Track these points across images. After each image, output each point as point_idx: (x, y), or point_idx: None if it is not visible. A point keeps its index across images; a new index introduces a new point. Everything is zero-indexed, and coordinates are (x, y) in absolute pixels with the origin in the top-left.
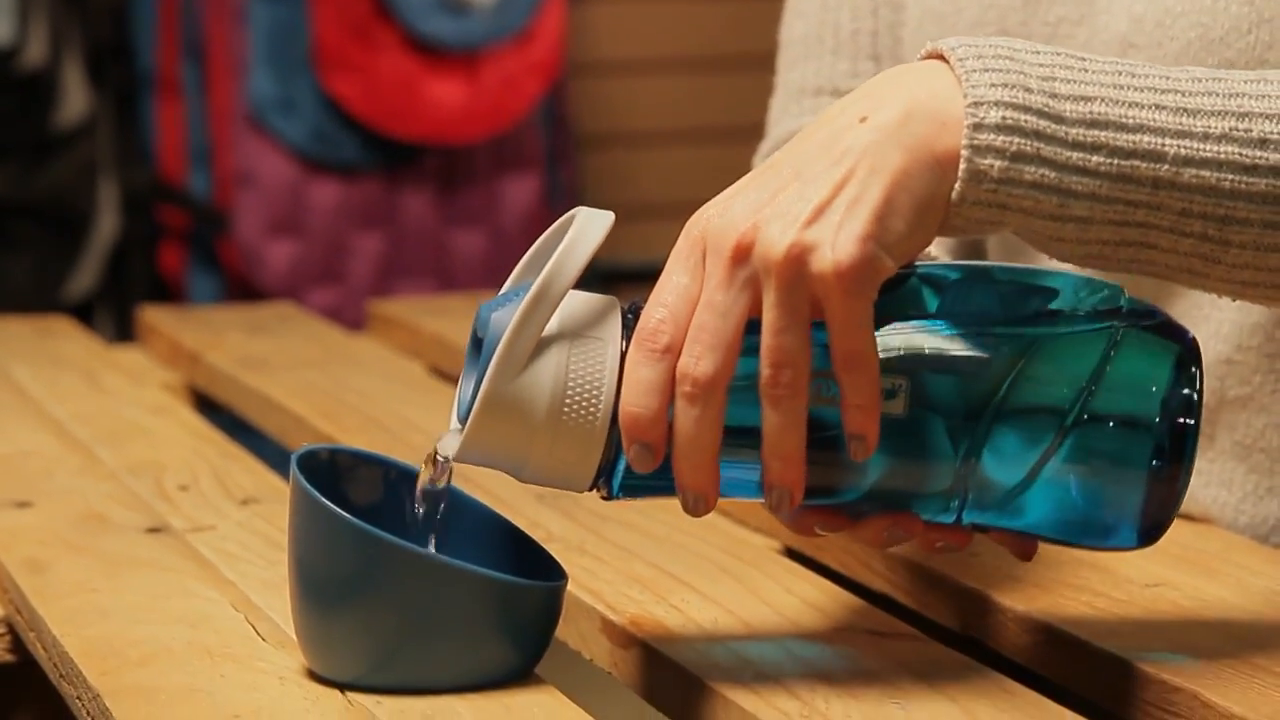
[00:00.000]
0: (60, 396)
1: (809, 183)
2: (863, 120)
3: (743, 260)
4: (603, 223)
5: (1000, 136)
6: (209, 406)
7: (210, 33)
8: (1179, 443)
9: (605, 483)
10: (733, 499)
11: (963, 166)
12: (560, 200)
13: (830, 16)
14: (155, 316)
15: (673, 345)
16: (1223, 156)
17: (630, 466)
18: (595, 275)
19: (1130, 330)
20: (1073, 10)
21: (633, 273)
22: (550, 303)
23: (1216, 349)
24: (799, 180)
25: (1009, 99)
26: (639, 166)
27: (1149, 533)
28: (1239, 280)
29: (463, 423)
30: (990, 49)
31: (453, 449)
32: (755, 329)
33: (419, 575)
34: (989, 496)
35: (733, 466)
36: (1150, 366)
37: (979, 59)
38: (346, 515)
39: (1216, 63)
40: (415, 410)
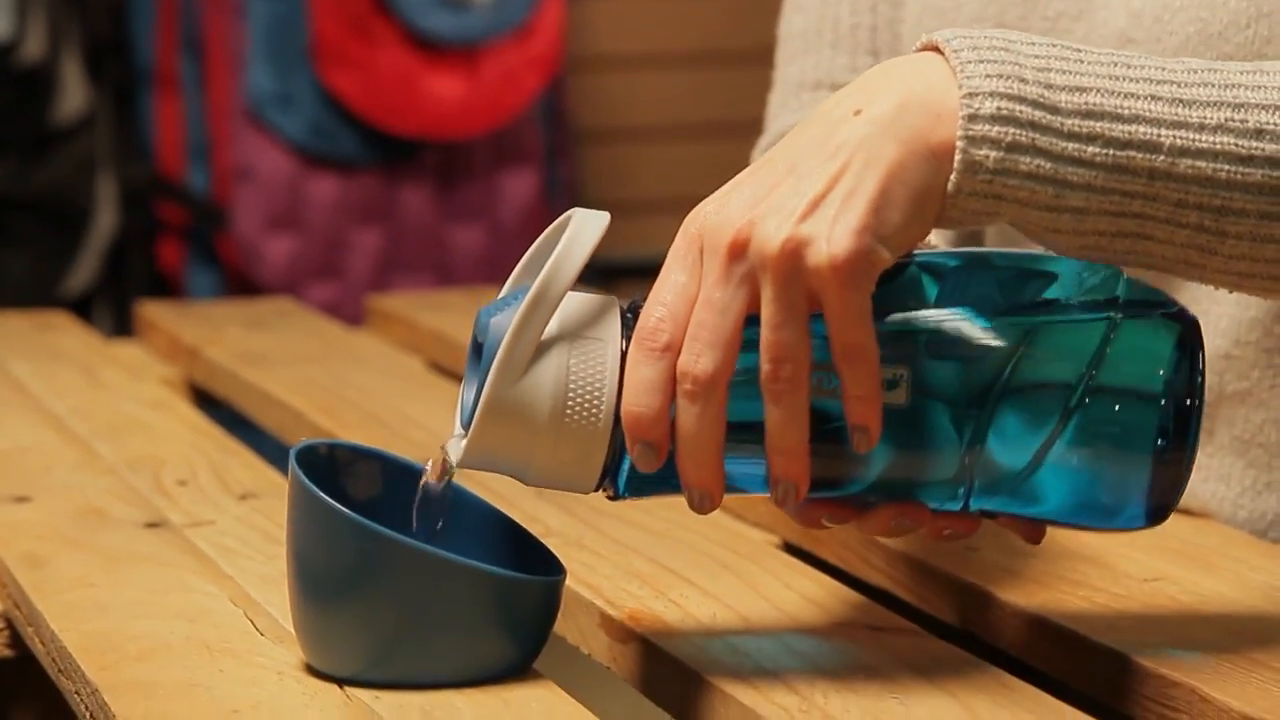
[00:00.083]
0: (59, 391)
1: (804, 177)
2: (857, 113)
3: (739, 256)
4: (599, 223)
5: (995, 127)
6: (208, 401)
7: (209, 28)
8: (1183, 421)
9: (611, 483)
10: (739, 494)
11: (958, 157)
12: (559, 195)
13: (829, 11)
14: (154, 311)
15: (672, 343)
16: (1218, 147)
17: (635, 466)
18: (595, 271)
19: (1131, 311)
20: (1071, 5)
21: (632, 268)
22: (548, 305)
23: (1215, 344)
24: (794, 175)
25: (1004, 90)
26: (638, 161)
27: (1157, 512)
28: (1236, 272)
29: (466, 429)
30: (985, 40)
31: (456, 456)
32: (755, 324)
33: (418, 570)
34: (995, 482)
35: (737, 462)
36: (1152, 347)
37: (974, 50)
38: (345, 510)
39: (1215, 57)
40: (414, 405)
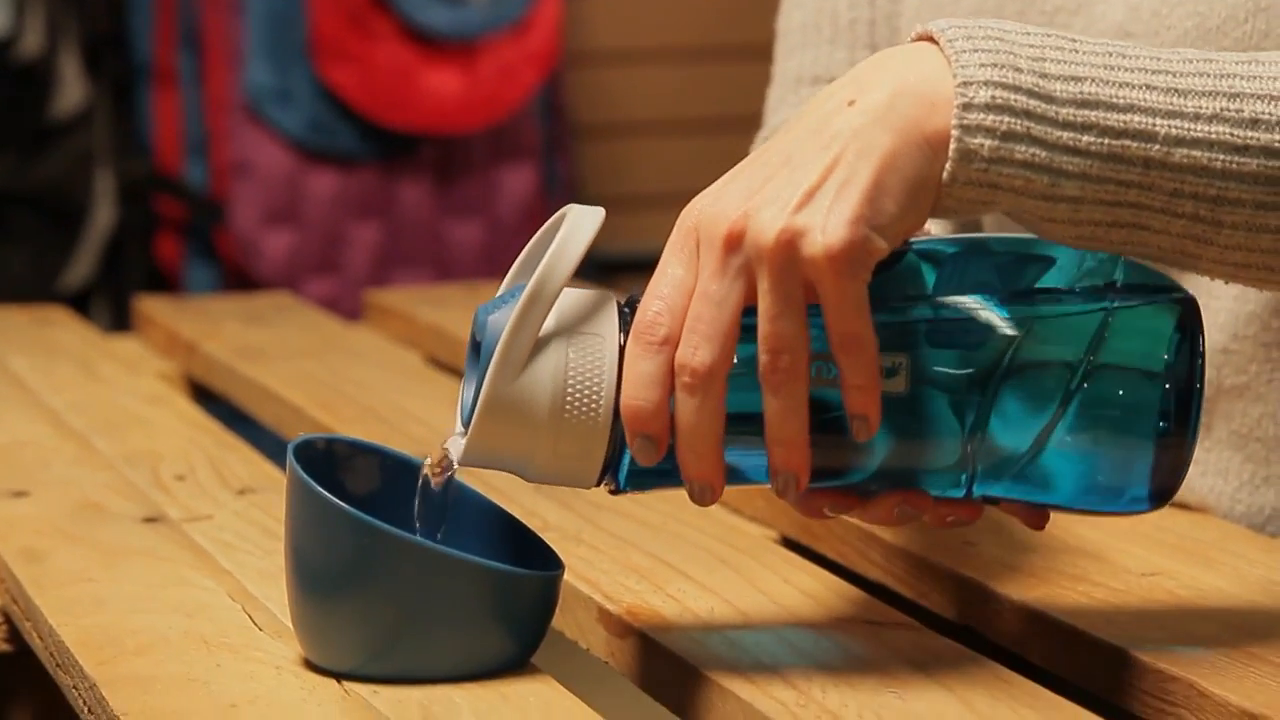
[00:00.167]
0: (57, 386)
1: (798, 168)
2: (851, 104)
3: (735, 248)
4: (594, 219)
5: (990, 116)
6: (206, 396)
7: (207, 22)
8: (1184, 402)
9: (612, 477)
10: (741, 485)
11: (953, 146)
12: (557, 191)
13: (828, 5)
14: (152, 306)
15: (670, 337)
16: (1214, 137)
17: (635, 460)
18: (593, 266)
19: (1130, 294)
20: (1069, 0)
21: (631, 263)
22: (545, 302)
23: (1213, 338)
24: (788, 166)
25: (999, 79)
26: (636, 157)
27: (1160, 494)
28: (1231, 262)
29: (466, 427)
30: (980, 30)
31: (457, 454)
32: (753, 315)
33: (415, 565)
34: (998, 468)
35: (738, 453)
36: (1152, 329)
37: (968, 40)
38: (343, 505)
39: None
40: (412, 400)
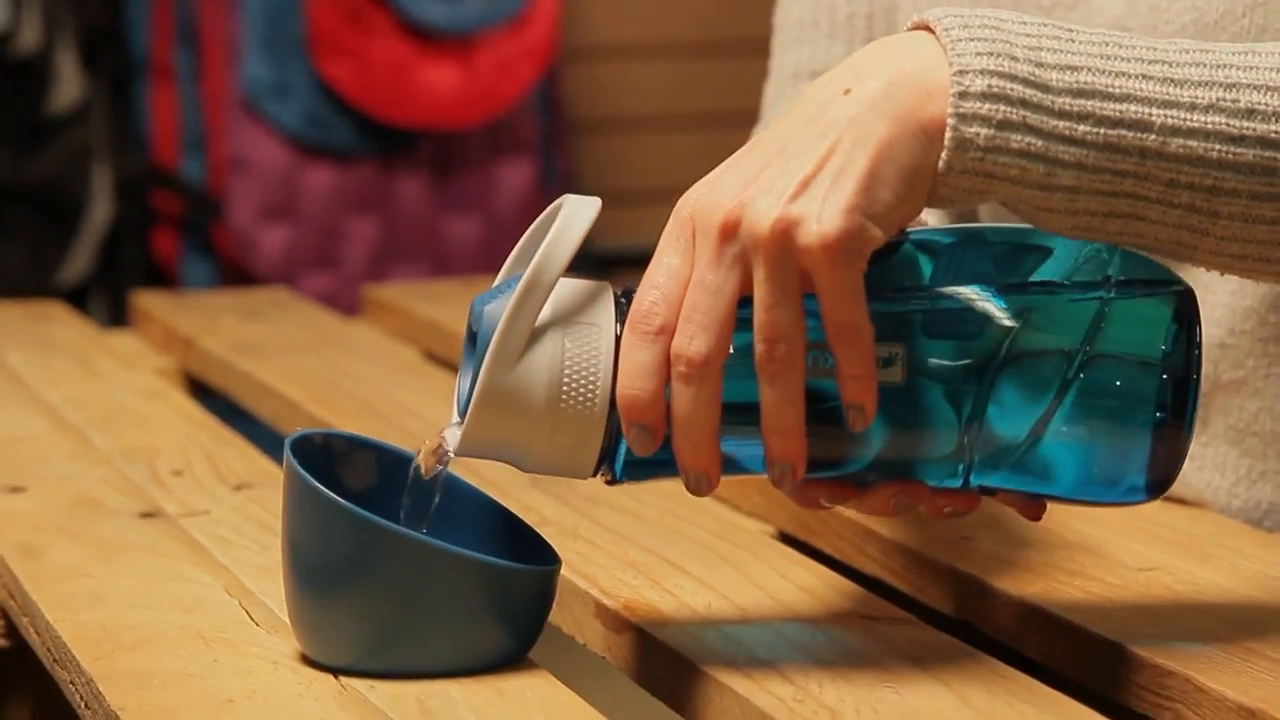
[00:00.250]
0: (54, 381)
1: (794, 157)
2: (846, 92)
3: (731, 238)
4: (590, 209)
5: (986, 104)
6: (203, 392)
7: (204, 18)
8: (1181, 392)
9: (608, 467)
10: (737, 475)
11: (949, 135)
12: (555, 185)
13: (825, 0)
14: (149, 302)
15: (666, 326)
16: (1210, 127)
17: (631, 450)
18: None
19: (1127, 284)
20: None
21: (628, 258)
22: (542, 292)
23: (1210, 333)
24: (784, 155)
25: (995, 67)
26: (634, 151)
27: (1157, 484)
28: (1227, 253)
29: (462, 417)
30: (976, 19)
31: (453, 444)
32: (749, 305)
33: (412, 560)
34: (994, 458)
35: (734, 443)
36: (1149, 319)
37: (965, 28)
38: (340, 500)
39: None
40: (409, 395)
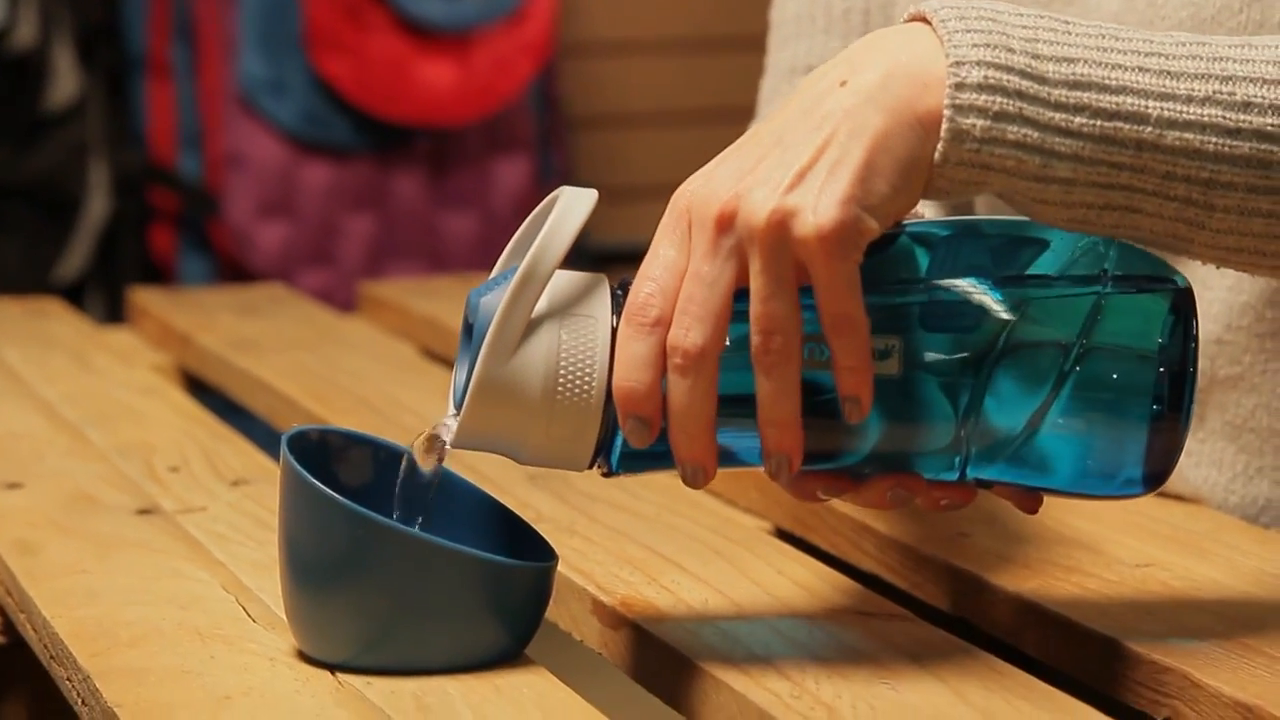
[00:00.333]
0: (50, 378)
1: (790, 148)
2: (843, 84)
3: (727, 229)
4: (587, 201)
5: (982, 96)
6: (199, 388)
7: (201, 14)
8: (1178, 385)
9: (604, 460)
10: (734, 468)
11: (945, 126)
12: (552, 182)
13: None
14: (146, 298)
15: (662, 318)
16: (1206, 119)
17: (627, 442)
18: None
19: (1124, 276)
20: None
21: (625, 254)
22: (538, 283)
23: (1207, 329)
24: (780, 146)
25: (991, 59)
26: (631, 148)
27: (1154, 477)
28: (1223, 246)
29: (458, 409)
30: (973, 10)
31: (449, 436)
32: (746, 297)
33: (409, 556)
34: (991, 450)
35: (731, 435)
36: (1145, 311)
37: (961, 20)
38: (337, 496)
39: None
40: (406, 391)
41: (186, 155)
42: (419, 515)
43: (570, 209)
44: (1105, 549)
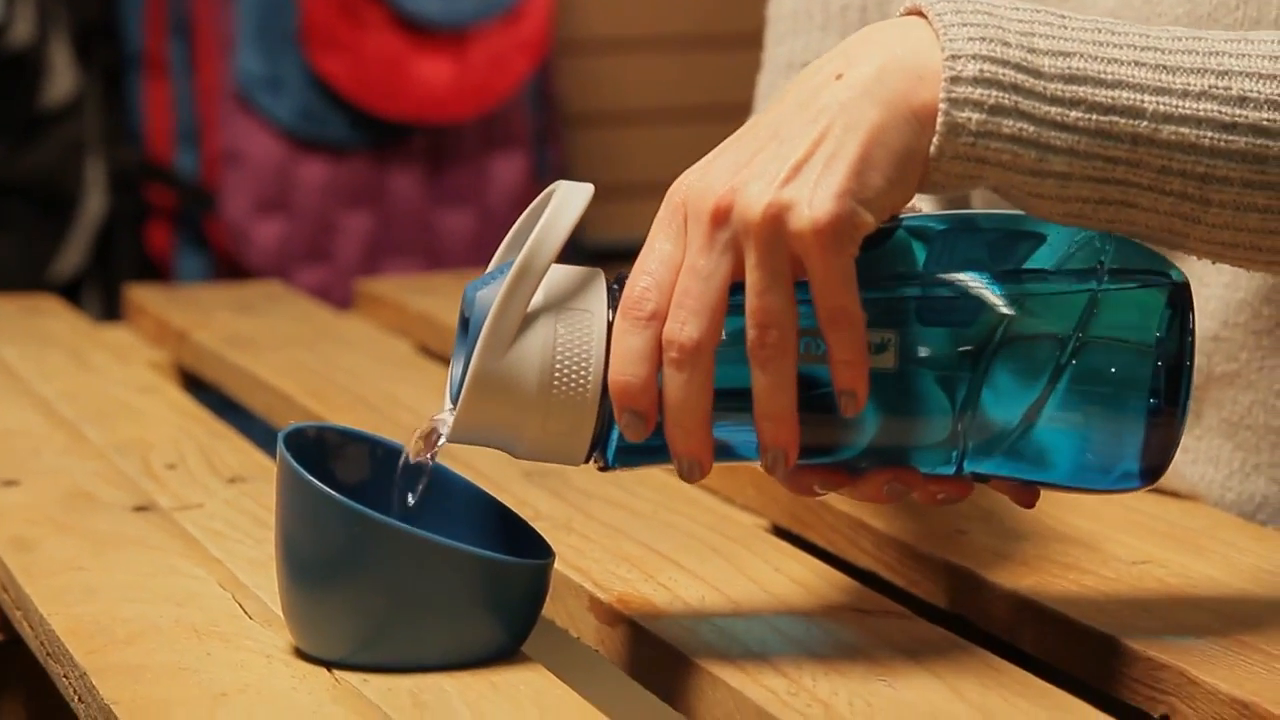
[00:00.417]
0: (47, 375)
1: (785, 142)
2: (838, 77)
3: (722, 223)
4: (583, 195)
5: (978, 89)
6: (196, 385)
7: (197, 11)
8: (1174, 379)
9: (601, 454)
10: (730, 462)
11: (940, 120)
12: (548, 179)
13: None
14: (143, 295)
15: (658, 312)
16: (1202, 114)
17: (623, 436)
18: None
19: (1121, 270)
20: None
21: (622, 251)
22: (534, 277)
23: (1204, 325)
24: (776, 140)
25: (987, 53)
26: (627, 145)
27: (1150, 472)
28: (1219, 241)
29: (455, 403)
30: (969, 4)
31: (445, 430)
32: (742, 291)
33: (406, 553)
34: (988, 444)
35: (727, 429)
36: (1142, 305)
37: (957, 14)
38: (333, 493)
39: None
40: (403, 389)
41: (183, 152)
42: (416, 512)
43: (566, 203)
44: (1102, 546)
